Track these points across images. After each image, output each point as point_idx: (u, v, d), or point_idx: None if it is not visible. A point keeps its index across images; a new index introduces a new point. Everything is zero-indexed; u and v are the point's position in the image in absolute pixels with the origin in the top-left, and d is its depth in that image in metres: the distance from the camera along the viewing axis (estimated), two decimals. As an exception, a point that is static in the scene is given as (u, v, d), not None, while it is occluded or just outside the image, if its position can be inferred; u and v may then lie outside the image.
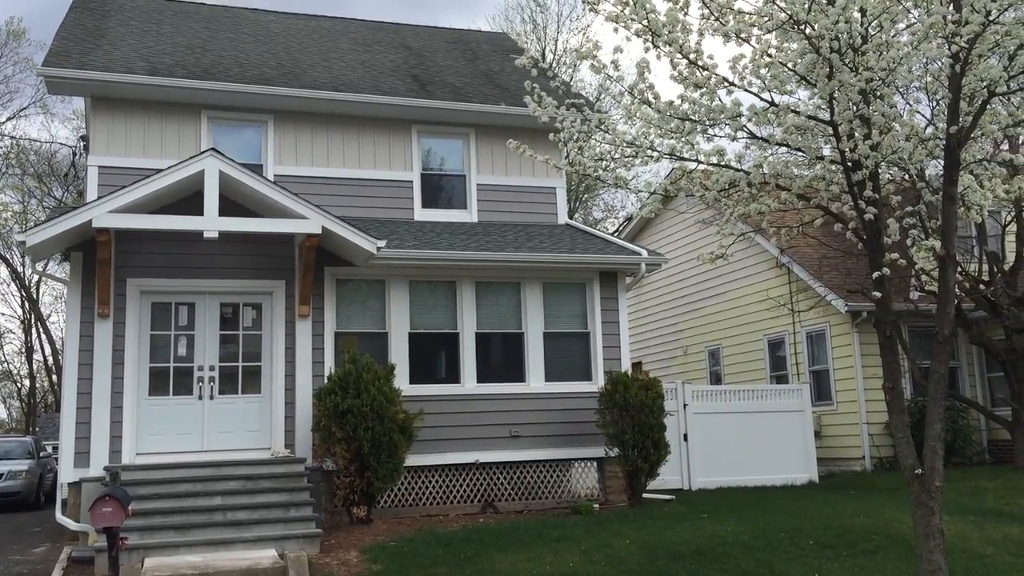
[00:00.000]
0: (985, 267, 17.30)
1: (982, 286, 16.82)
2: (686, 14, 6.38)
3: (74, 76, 13.29)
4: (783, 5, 6.20)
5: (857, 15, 6.20)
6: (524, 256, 13.74)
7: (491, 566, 9.34)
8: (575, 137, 7.18)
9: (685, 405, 16.25)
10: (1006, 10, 5.99)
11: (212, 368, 12.71)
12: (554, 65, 35.54)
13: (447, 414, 13.28)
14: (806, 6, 6.04)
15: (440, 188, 15.46)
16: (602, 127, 7.03)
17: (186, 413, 12.49)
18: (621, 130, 7.05)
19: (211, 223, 11.82)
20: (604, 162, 7.24)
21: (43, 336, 43.45)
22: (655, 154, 6.98)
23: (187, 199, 12.22)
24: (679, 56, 6.47)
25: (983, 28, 5.93)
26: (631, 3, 6.35)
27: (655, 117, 6.76)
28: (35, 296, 41.99)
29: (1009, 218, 17.85)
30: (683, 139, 6.85)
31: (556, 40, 38.86)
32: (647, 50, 6.48)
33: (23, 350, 47.60)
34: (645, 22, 6.37)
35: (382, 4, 71.58)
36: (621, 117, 7.05)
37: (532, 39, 38.19)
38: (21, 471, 18.83)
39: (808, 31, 6.21)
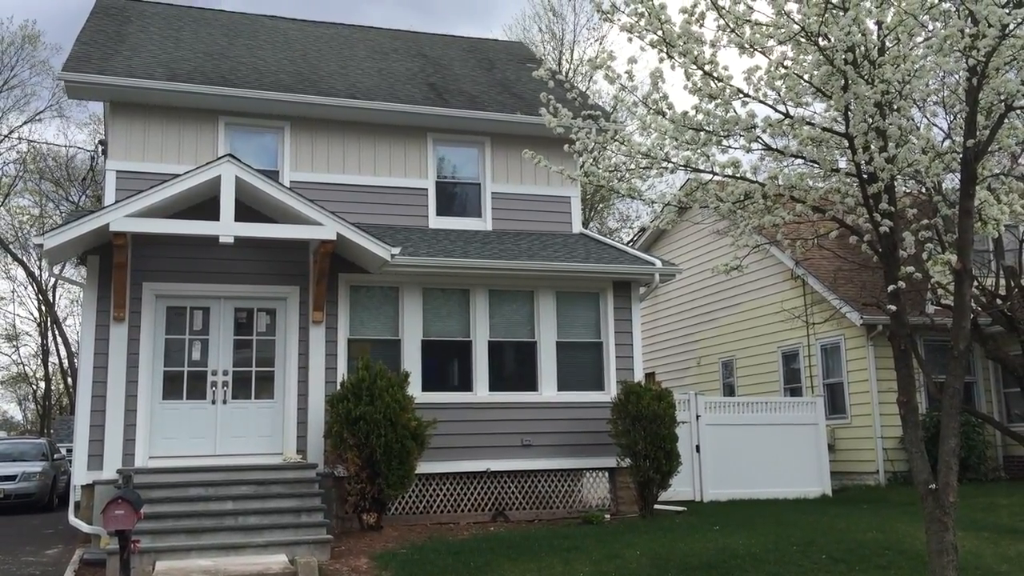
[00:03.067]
0: (1002, 281, 17.17)
1: (999, 300, 16.67)
2: (702, 25, 6.38)
3: (95, 81, 13.41)
4: (797, 17, 6.20)
5: (873, 27, 6.19)
6: (538, 265, 13.75)
7: (501, 575, 9.33)
8: (590, 148, 7.19)
9: (698, 416, 16.20)
10: (1022, 23, 5.97)
11: (226, 373, 12.76)
12: (571, 74, 35.57)
13: (459, 422, 13.29)
14: (818, 17, 6.04)
15: (455, 196, 15.49)
16: (617, 138, 7.04)
17: (199, 417, 12.55)
18: (636, 141, 7.06)
19: (227, 228, 11.89)
20: (619, 173, 7.25)
21: (59, 339, 43.68)
22: (670, 165, 6.99)
23: (203, 204, 12.31)
24: (693, 67, 6.47)
25: (999, 41, 5.91)
26: (646, 14, 6.36)
27: (670, 128, 6.76)
28: (51, 299, 42.25)
29: (1027, 232, 17.73)
30: (698, 150, 6.86)
31: (573, 49, 38.94)
32: (661, 60, 6.49)
33: (39, 352, 47.90)
34: (660, 32, 6.38)
35: (396, 14, 71.97)
36: (636, 128, 7.06)
37: (549, 49, 38.26)
38: (35, 473, 18.92)
39: (822, 43, 6.21)
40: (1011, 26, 5.90)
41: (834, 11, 6.00)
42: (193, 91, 13.77)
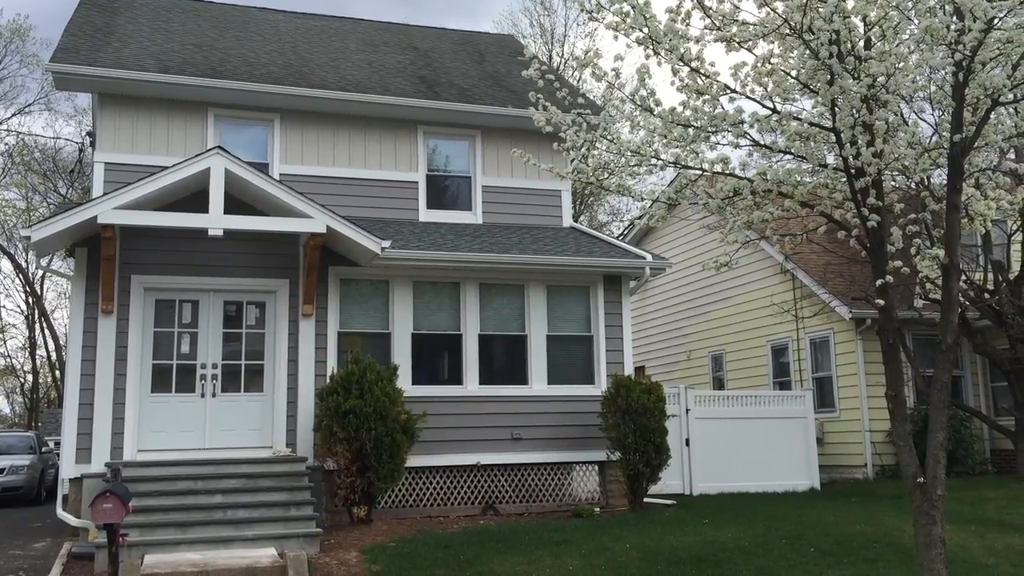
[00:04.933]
0: (990, 276, 17.26)
1: (987, 295, 16.78)
2: (688, 24, 6.39)
3: (83, 72, 13.32)
4: (780, 9, 6.21)
5: (858, 22, 6.21)
6: (528, 258, 13.75)
7: (491, 568, 9.35)
8: (580, 146, 7.20)
9: (687, 410, 16.25)
10: (1006, 15, 6.00)
11: (215, 366, 12.73)
12: (561, 67, 35.52)
13: (449, 415, 13.28)
14: (801, 10, 6.04)
15: (445, 189, 15.47)
16: (606, 135, 7.04)
17: (188, 410, 12.51)
18: (626, 138, 7.07)
19: (216, 221, 11.85)
20: (608, 170, 7.26)
21: (46, 331, 43.46)
22: (659, 162, 7.00)
23: (193, 196, 12.26)
24: (680, 63, 6.48)
25: (984, 35, 5.93)
26: (631, 12, 6.35)
27: (659, 125, 6.77)
28: (39, 291, 42.04)
29: (1015, 227, 17.81)
30: (687, 147, 6.87)
31: (563, 43, 38.85)
32: (648, 57, 6.49)
33: (26, 345, 47.59)
34: (645, 30, 6.38)
35: (385, 7, 71.73)
36: (625, 125, 7.07)
37: (540, 42, 38.17)
38: (23, 466, 18.87)
39: (807, 36, 6.22)
40: (996, 20, 5.92)
41: (818, 6, 6.01)
42: (183, 83, 13.71)
